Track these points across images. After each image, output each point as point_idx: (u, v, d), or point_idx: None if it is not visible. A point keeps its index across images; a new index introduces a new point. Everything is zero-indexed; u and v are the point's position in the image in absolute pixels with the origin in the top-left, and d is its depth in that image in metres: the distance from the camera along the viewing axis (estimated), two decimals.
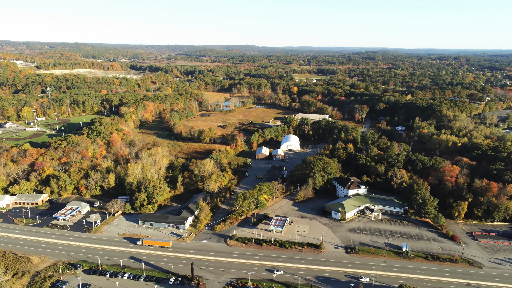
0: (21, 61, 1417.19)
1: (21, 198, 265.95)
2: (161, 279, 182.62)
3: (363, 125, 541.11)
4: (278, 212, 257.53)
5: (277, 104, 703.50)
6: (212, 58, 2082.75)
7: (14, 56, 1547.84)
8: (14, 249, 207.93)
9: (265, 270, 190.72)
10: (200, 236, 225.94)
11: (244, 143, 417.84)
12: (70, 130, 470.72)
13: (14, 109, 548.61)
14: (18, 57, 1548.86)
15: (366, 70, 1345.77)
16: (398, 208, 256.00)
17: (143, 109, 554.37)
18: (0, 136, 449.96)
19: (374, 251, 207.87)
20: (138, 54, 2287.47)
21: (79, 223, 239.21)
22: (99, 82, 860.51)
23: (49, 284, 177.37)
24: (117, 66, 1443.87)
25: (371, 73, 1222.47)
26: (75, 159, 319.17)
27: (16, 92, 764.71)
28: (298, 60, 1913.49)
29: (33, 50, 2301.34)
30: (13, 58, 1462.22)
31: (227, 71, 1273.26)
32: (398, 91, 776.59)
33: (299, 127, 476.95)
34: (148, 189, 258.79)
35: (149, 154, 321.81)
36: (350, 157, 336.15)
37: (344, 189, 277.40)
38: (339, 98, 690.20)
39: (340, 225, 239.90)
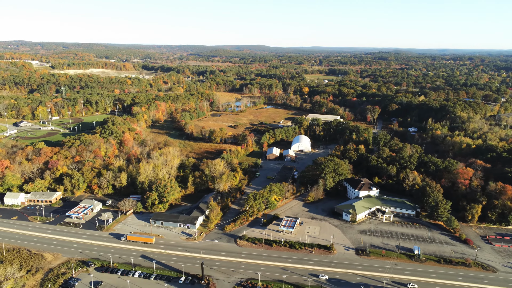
0: (36, 61, 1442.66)
1: (36, 196, 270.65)
2: (171, 278, 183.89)
3: (375, 126, 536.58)
4: (289, 212, 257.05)
5: (288, 104, 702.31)
6: (224, 58, 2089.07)
7: (30, 56, 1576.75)
8: (28, 246, 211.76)
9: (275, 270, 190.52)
10: (211, 235, 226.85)
11: (254, 144, 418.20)
12: (84, 129, 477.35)
13: (29, 108, 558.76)
14: (34, 57, 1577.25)
15: (378, 71, 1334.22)
16: (410, 210, 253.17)
17: (155, 109, 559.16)
18: (16, 134, 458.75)
19: (385, 254, 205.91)
20: (151, 54, 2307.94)
21: (91, 221, 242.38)
22: (112, 82, 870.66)
23: (62, 281, 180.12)
24: (129, 66, 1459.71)
25: (384, 74, 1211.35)
26: (88, 158, 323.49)
27: (31, 91, 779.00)
28: (310, 61, 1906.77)
29: (48, 50, 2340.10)
30: (28, 58, 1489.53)
31: (238, 71, 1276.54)
32: (411, 92, 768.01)
33: (310, 128, 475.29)
34: (159, 189, 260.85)
35: (161, 153, 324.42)
36: (362, 158, 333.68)
37: (355, 191, 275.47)
38: (351, 99, 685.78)
39: (351, 226, 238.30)
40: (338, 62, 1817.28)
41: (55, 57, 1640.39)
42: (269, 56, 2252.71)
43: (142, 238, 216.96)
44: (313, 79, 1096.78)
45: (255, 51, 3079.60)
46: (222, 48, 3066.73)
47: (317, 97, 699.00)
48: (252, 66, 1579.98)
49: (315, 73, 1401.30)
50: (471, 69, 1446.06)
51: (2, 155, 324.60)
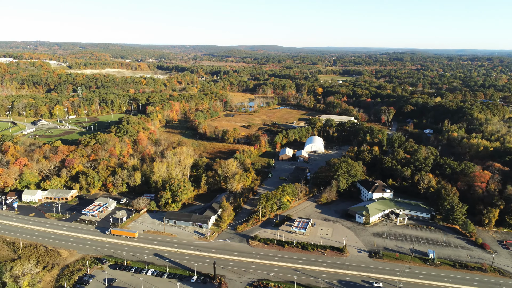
0: (54, 61, 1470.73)
1: (52, 193, 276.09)
2: (184, 277, 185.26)
3: (390, 127, 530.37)
4: (301, 214, 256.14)
5: (302, 105, 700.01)
6: (237, 58, 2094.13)
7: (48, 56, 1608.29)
8: (45, 242, 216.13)
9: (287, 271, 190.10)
10: (223, 235, 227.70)
11: (267, 144, 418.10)
12: (99, 128, 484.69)
13: (47, 107, 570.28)
14: (51, 57, 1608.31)
15: (394, 71, 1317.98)
16: (425, 213, 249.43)
17: (169, 109, 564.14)
18: (34, 133, 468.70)
19: (399, 257, 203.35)
20: (165, 54, 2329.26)
21: (106, 219, 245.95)
22: (127, 82, 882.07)
23: (77, 277, 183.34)
24: (144, 66, 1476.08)
25: (399, 74, 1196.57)
26: (103, 156, 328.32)
27: (49, 91, 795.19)
28: (324, 61, 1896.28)
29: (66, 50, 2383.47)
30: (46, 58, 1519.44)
31: (252, 72, 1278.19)
32: (426, 93, 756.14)
33: (324, 129, 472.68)
34: (173, 188, 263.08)
35: (174, 153, 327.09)
36: (376, 160, 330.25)
37: (369, 193, 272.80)
38: (365, 100, 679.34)
39: (364, 229, 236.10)
40: (353, 62, 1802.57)
41: (72, 57, 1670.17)
42: (283, 56, 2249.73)
43: (125, 232, 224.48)
44: (327, 79, 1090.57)
45: (269, 51, 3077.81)
46: (236, 48, 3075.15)
47: (331, 97, 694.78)
48: (265, 66, 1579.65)
49: (329, 73, 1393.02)
50: (489, 70, 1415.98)
51: (20, 153, 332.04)
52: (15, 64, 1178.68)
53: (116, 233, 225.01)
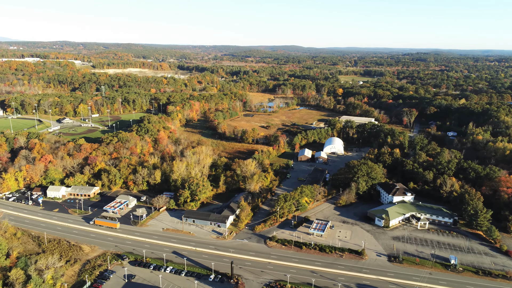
0: (78, 60, 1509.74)
1: (75, 189, 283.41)
2: (201, 275, 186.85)
3: (411, 129, 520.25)
4: (319, 215, 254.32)
5: (321, 106, 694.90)
6: (257, 58, 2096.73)
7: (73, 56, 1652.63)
8: (68, 237, 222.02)
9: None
10: (241, 235, 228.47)
11: (286, 145, 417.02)
12: (121, 127, 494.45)
13: (71, 106, 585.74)
14: (76, 57, 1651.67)
15: (416, 72, 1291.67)
16: (447, 218, 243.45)
17: (189, 108, 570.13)
18: (59, 131, 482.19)
19: (419, 262, 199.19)
20: (186, 54, 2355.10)
21: (126, 216, 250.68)
22: (148, 82, 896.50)
23: (98, 272, 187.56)
24: (165, 66, 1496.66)
25: (422, 75, 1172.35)
26: (125, 154, 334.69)
27: (73, 90, 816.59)
28: (344, 61, 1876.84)
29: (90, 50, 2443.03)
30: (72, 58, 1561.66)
31: (271, 72, 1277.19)
32: (450, 94, 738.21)
33: (343, 130, 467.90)
34: (192, 187, 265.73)
35: (194, 152, 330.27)
36: (397, 163, 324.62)
37: (389, 196, 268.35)
38: (386, 101, 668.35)
39: (383, 232, 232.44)
40: (374, 63, 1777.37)
41: (96, 57, 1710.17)
42: (303, 56, 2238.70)
43: (107, 222, 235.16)
44: (348, 80, 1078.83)
45: (289, 51, 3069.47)
46: (256, 49, 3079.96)
47: (351, 98, 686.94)
48: (285, 66, 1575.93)
49: (350, 74, 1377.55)
50: None
51: (46, 150, 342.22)
52: (42, 64, 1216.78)
53: (99, 223, 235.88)
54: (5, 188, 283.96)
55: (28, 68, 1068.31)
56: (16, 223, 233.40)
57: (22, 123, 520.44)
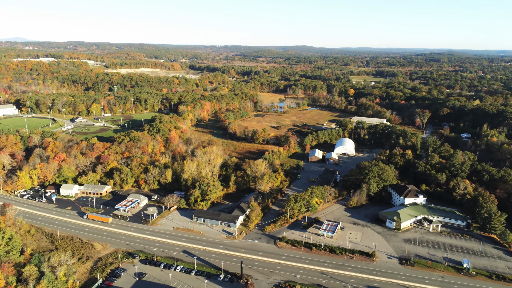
0: (92, 60, 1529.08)
1: (88, 188, 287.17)
2: (211, 275, 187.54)
3: (424, 131, 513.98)
4: (330, 216, 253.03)
5: (333, 106, 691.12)
6: (268, 59, 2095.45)
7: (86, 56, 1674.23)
8: (80, 235, 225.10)
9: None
10: (250, 235, 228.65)
11: (297, 145, 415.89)
12: (133, 126, 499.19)
13: (84, 105, 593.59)
14: (90, 57, 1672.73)
15: (430, 73, 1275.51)
16: (460, 221, 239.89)
17: (200, 108, 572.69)
18: (72, 130, 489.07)
19: (431, 265, 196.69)
20: (197, 54, 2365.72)
21: (137, 214, 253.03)
22: (160, 81, 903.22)
23: (109, 270, 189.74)
24: (177, 66, 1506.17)
25: (435, 76, 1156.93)
26: (136, 154, 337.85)
27: (87, 89, 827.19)
28: (356, 62, 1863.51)
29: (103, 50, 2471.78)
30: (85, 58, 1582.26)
31: (282, 72, 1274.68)
32: (464, 95, 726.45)
33: (355, 131, 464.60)
34: (202, 186, 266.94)
35: (204, 152, 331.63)
36: (408, 164, 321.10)
37: (401, 198, 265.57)
38: (399, 102, 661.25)
39: (394, 234, 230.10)
40: (386, 63, 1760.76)
41: (109, 57, 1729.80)
42: (314, 57, 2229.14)
43: (100, 217, 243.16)
44: (359, 80, 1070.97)
45: (300, 51, 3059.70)
46: (267, 49, 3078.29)
47: (363, 99, 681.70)
48: (296, 67, 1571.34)
49: (362, 74, 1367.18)
50: None
51: (59, 148, 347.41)
52: (56, 64, 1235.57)
53: (92, 217, 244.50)
54: (19, 185, 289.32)
55: (43, 68, 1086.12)
56: (30, 220, 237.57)
57: (37, 122, 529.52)
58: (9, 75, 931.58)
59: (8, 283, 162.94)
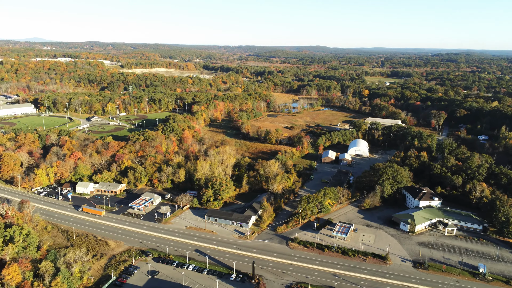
0: (108, 60, 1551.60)
1: (103, 186, 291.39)
2: (223, 274, 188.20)
3: (440, 132, 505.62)
4: (342, 218, 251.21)
5: (346, 107, 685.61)
6: (282, 59, 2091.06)
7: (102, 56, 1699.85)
8: (95, 232, 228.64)
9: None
10: (262, 235, 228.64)
11: (310, 146, 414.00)
12: (147, 125, 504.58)
13: (100, 105, 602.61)
14: (106, 57, 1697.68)
15: (446, 73, 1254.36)
16: (476, 225, 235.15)
17: (214, 108, 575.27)
18: (88, 128, 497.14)
19: (446, 269, 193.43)
20: (211, 54, 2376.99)
21: (151, 213, 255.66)
22: (174, 81, 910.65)
23: (123, 267, 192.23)
24: (191, 66, 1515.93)
25: (452, 77, 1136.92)
26: (150, 153, 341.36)
27: (102, 89, 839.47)
28: (371, 62, 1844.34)
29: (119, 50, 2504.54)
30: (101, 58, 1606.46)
31: (296, 72, 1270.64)
32: (482, 97, 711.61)
33: (369, 132, 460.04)
34: (215, 186, 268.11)
35: (217, 152, 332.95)
36: (424, 166, 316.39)
37: (415, 200, 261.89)
38: (414, 103, 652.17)
39: (408, 237, 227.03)
40: (402, 64, 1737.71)
41: (124, 57, 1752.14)
42: (328, 57, 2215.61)
43: (94, 210, 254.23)
44: (374, 81, 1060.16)
45: (314, 51, 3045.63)
46: (281, 49, 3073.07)
47: (377, 100, 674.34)
48: (310, 67, 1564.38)
49: (376, 75, 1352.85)
50: None
51: (75, 147, 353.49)
52: (73, 63, 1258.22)
53: (86, 210, 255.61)
54: (37, 183, 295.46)
55: (60, 68, 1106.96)
56: (46, 217, 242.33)
57: (54, 120, 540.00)
58: (28, 75, 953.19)
59: (25, 278, 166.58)
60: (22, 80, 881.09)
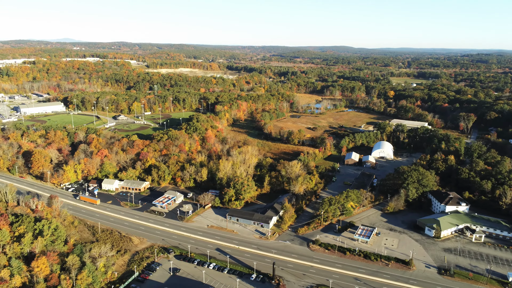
0: (134, 60, 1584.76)
1: (127, 183, 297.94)
2: (243, 274, 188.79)
3: (468, 135, 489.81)
4: (365, 221, 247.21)
5: (371, 108, 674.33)
6: (306, 59, 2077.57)
7: (129, 56, 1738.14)
8: (119, 228, 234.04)
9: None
10: (283, 236, 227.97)
11: (333, 147, 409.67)
12: (171, 124, 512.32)
13: (126, 104, 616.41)
14: (132, 57, 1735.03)
15: (476, 75, 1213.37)
16: (506, 232, 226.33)
17: (237, 108, 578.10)
18: (114, 127, 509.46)
19: (473, 277, 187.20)
20: (235, 54, 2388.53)
21: (173, 211, 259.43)
22: (198, 81, 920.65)
23: (145, 264, 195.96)
24: (215, 66, 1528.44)
25: (482, 78, 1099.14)
26: (174, 152, 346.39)
27: (128, 88, 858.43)
28: (397, 63, 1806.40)
29: (145, 50, 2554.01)
30: (128, 58, 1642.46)
31: (320, 73, 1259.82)
32: None
33: (394, 134, 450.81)
34: (237, 186, 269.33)
35: (240, 152, 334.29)
36: (451, 170, 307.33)
37: (441, 205, 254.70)
38: (441, 105, 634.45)
39: (433, 243, 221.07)
40: (429, 64, 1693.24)
41: (150, 57, 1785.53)
42: (353, 57, 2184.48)
43: (89, 199, 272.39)
44: (400, 82, 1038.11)
45: (339, 52, 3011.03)
46: (304, 49, 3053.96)
47: (403, 101, 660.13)
48: (334, 67, 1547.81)
49: (403, 76, 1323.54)
50: None
51: (102, 145, 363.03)
52: (101, 63, 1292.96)
53: (83, 199, 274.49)
54: (65, 179, 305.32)
55: (89, 68, 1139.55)
56: (73, 212, 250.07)
57: (82, 119, 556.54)
58: (58, 74, 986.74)
59: (52, 270, 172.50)
60: (53, 79, 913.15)
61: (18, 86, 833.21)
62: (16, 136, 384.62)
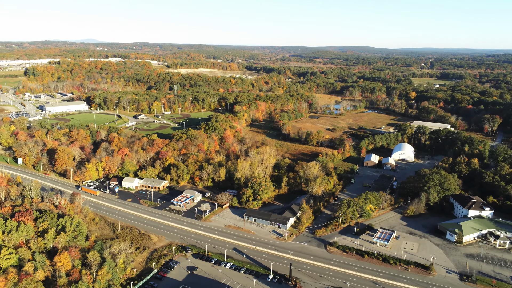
0: (155, 61, 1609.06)
1: (147, 182, 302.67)
2: (260, 274, 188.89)
3: (493, 138, 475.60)
4: (384, 224, 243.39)
5: (391, 109, 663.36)
6: (326, 59, 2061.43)
7: (150, 56, 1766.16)
8: (138, 226, 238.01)
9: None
10: (300, 238, 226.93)
11: (352, 149, 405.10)
12: (190, 124, 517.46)
13: (146, 103, 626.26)
14: (153, 57, 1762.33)
15: (503, 76, 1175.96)
16: None
17: (255, 108, 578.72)
18: (135, 126, 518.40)
19: (496, 284, 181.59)
20: (254, 55, 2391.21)
21: (191, 210, 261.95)
22: (217, 81, 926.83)
23: (163, 261, 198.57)
24: (234, 66, 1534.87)
25: (508, 79, 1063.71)
26: (192, 151, 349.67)
27: (149, 88, 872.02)
28: (419, 63, 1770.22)
29: (165, 51, 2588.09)
30: (149, 58, 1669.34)
31: (339, 73, 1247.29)
32: None
33: (415, 136, 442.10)
34: (254, 186, 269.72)
35: (258, 152, 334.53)
36: (474, 174, 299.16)
37: (464, 209, 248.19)
38: (465, 106, 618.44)
39: (455, 248, 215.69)
40: (453, 65, 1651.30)
41: (170, 57, 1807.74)
42: (374, 58, 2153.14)
43: (90, 190, 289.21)
44: (422, 83, 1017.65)
45: (359, 52, 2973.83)
46: (324, 49, 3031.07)
47: (425, 102, 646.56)
48: (354, 68, 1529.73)
49: (425, 76, 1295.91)
50: None
51: (123, 143, 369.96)
52: (123, 63, 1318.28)
53: (84, 190, 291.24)
54: (87, 176, 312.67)
55: (111, 68, 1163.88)
56: (95, 209, 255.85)
57: (104, 117, 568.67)
58: (82, 74, 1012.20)
59: (74, 266, 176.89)
60: (76, 79, 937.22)
61: (44, 86, 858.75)
62: (41, 134, 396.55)
